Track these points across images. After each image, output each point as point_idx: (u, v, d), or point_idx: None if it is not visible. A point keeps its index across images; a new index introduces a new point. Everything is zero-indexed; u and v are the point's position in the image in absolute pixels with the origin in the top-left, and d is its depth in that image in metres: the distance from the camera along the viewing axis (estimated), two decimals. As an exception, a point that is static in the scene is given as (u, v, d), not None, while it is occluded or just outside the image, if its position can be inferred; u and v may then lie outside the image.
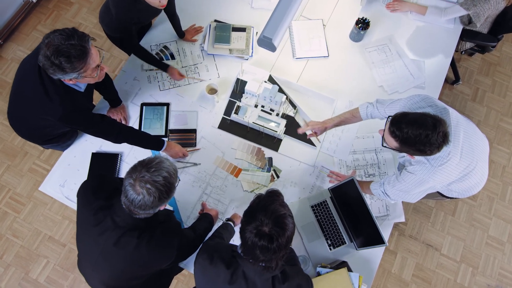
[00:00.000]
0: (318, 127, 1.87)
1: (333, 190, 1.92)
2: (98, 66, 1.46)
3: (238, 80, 2.16)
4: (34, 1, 3.19)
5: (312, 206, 1.92)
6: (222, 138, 2.06)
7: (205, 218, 1.71)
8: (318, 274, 1.74)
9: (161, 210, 1.33)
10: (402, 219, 1.94)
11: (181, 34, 2.25)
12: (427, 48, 2.33)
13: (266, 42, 1.43)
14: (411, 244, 2.69)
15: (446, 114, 1.50)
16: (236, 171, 1.99)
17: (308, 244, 1.86)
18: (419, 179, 1.52)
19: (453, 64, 3.04)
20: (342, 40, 2.33)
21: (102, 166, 1.96)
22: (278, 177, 2.00)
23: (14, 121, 1.79)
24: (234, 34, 2.26)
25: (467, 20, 2.43)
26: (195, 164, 2.00)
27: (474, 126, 1.63)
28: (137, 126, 2.08)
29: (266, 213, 1.18)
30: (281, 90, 2.10)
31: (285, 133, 2.05)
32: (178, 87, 2.17)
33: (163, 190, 1.23)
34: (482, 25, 2.49)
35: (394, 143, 1.42)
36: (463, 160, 1.51)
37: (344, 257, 1.85)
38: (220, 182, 1.97)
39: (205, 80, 2.18)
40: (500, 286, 2.61)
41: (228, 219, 1.79)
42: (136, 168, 1.24)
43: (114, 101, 2.04)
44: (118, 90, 2.05)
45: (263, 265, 1.23)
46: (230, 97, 2.14)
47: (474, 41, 2.57)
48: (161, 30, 2.30)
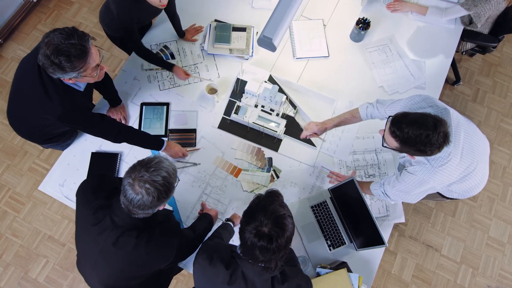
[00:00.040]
0: (318, 128, 1.87)
1: (333, 191, 1.92)
2: (98, 65, 1.46)
3: (238, 80, 2.15)
4: (35, 0, 3.19)
5: (312, 207, 1.92)
6: (222, 138, 2.06)
7: (204, 218, 1.71)
8: (318, 274, 1.74)
9: (160, 210, 1.33)
10: (402, 220, 1.94)
11: (181, 34, 2.25)
12: (428, 48, 2.32)
13: (266, 42, 1.43)
14: (411, 244, 2.69)
15: (447, 114, 1.49)
16: (236, 171, 1.99)
17: (307, 244, 1.86)
18: (419, 180, 1.51)
19: (453, 64, 3.03)
20: (343, 40, 2.33)
21: (101, 166, 1.96)
22: (278, 177, 1.99)
23: (14, 120, 1.78)
24: (234, 34, 2.26)
25: (468, 20, 2.42)
26: (195, 164, 2.00)
27: (475, 127, 1.63)
28: (137, 126, 2.07)
29: (265, 213, 1.18)
30: (281, 90, 2.10)
31: (285, 133, 2.05)
32: (178, 87, 2.17)
33: (162, 190, 1.22)
34: (483, 25, 2.48)
35: (394, 143, 1.41)
36: (464, 160, 1.51)
37: (344, 257, 1.84)
38: (219, 182, 1.97)
39: (207, 79, 2.18)
40: (500, 287, 2.61)
41: (227, 219, 1.79)
42: (135, 167, 1.23)
43: (114, 100, 2.04)
44: (118, 89, 2.05)
45: (263, 265, 1.22)
46: (230, 97, 2.14)
47: (475, 41, 2.57)
48: (161, 29, 2.30)
